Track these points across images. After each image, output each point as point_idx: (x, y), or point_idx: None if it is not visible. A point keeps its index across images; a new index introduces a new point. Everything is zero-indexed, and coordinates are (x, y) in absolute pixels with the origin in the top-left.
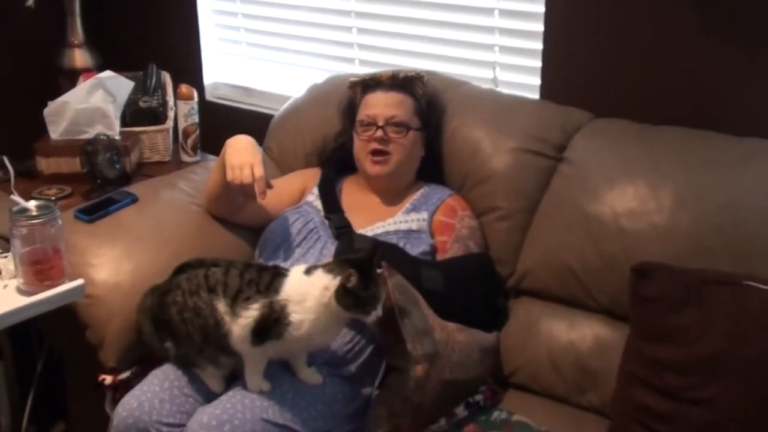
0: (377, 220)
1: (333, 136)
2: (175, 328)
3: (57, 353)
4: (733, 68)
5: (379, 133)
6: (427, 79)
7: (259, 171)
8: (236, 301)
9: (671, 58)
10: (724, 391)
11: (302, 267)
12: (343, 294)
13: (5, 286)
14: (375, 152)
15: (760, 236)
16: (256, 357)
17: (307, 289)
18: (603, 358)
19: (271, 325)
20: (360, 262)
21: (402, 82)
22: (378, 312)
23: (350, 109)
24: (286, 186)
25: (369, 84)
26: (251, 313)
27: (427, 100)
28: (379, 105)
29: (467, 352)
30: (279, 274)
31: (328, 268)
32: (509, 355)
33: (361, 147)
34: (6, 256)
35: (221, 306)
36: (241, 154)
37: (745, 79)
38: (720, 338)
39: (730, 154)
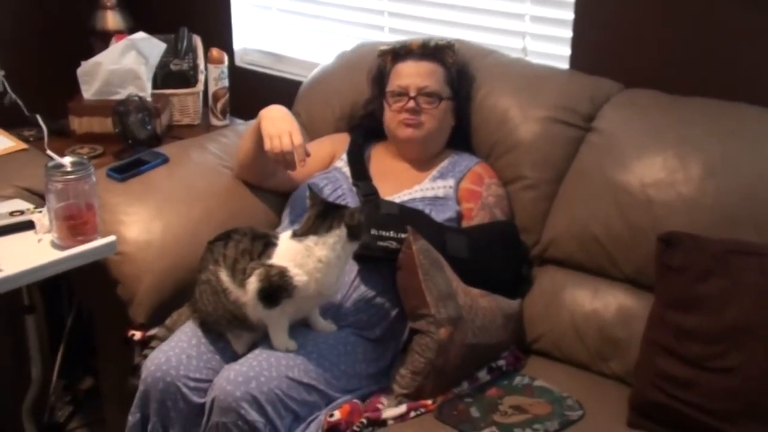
0: (404, 188)
1: (363, 104)
2: (196, 301)
3: (86, 310)
4: (764, 40)
5: (411, 103)
6: (457, 48)
7: (298, 139)
8: (234, 271)
9: (703, 28)
10: (746, 360)
11: (287, 233)
12: (354, 231)
13: (40, 240)
14: (408, 119)
15: None
16: (276, 318)
17: (303, 253)
18: (626, 326)
19: (276, 289)
20: (332, 206)
21: (433, 51)
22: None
23: (380, 77)
24: (316, 151)
25: (399, 53)
26: (252, 286)
27: (457, 69)
28: (411, 75)
29: (491, 317)
30: (270, 243)
31: (313, 229)
32: (533, 322)
33: (392, 117)
34: (41, 211)
35: (224, 276)
36: (278, 123)
37: None
38: (745, 308)
39: (760, 125)
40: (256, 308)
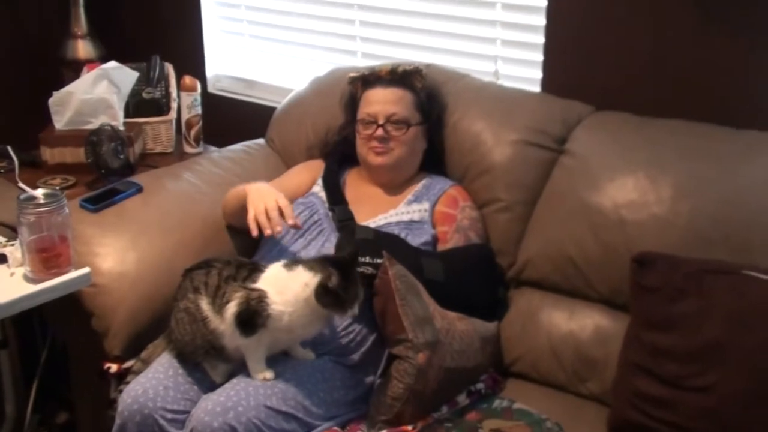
0: (380, 212)
1: (336, 129)
2: (172, 331)
3: (61, 342)
4: (733, 62)
5: (380, 131)
6: (425, 72)
7: (284, 200)
8: (215, 297)
9: (671, 51)
10: (723, 379)
11: (281, 262)
12: (322, 292)
13: (12, 274)
14: (377, 146)
15: (759, 227)
16: (253, 347)
17: (286, 282)
18: (603, 347)
19: (252, 315)
20: (341, 262)
21: (401, 77)
22: (354, 311)
23: (352, 103)
24: (296, 181)
25: (368, 79)
26: (231, 310)
27: (427, 93)
28: (379, 102)
29: (468, 340)
30: (257, 269)
31: (309, 265)
32: (510, 345)
33: (362, 144)
34: (13, 244)
35: (204, 304)
36: (264, 193)
37: (744, 72)
38: (719, 327)
39: (730, 146)
40: (233, 336)
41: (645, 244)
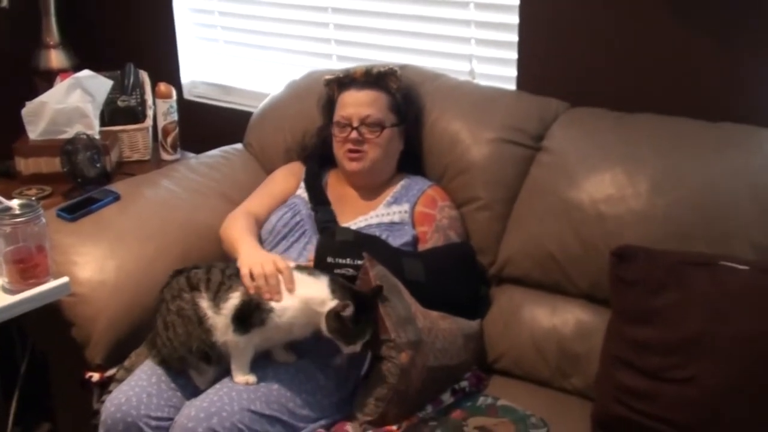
0: (360, 215)
1: (315, 131)
2: (158, 337)
3: (41, 353)
4: (706, 56)
5: (354, 134)
6: (400, 74)
7: (282, 263)
8: (218, 293)
9: (645, 47)
10: (704, 370)
11: (293, 264)
12: (333, 318)
13: None
14: (351, 150)
15: (734, 218)
16: (242, 347)
17: (299, 282)
18: (585, 341)
19: (253, 310)
20: (363, 296)
21: (375, 79)
22: (356, 348)
23: (329, 105)
24: (283, 188)
25: (343, 81)
26: (232, 302)
27: (402, 94)
28: (353, 104)
29: (451, 339)
30: None
31: (333, 284)
32: (493, 342)
33: (338, 147)
34: None
35: (204, 302)
36: (260, 258)
37: (717, 66)
38: (699, 318)
39: (704, 139)
40: (227, 332)
41: (624, 238)
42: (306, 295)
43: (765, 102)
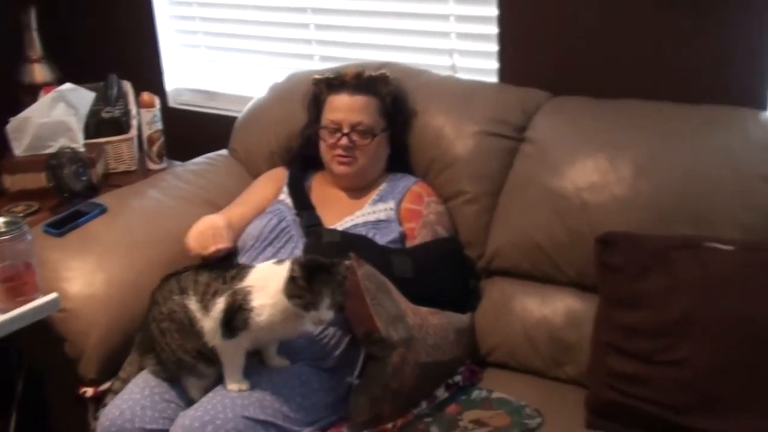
0: (346, 214)
1: (299, 131)
2: (156, 343)
3: (36, 370)
4: (684, 39)
5: (344, 140)
6: (392, 78)
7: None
8: (205, 296)
9: (623, 32)
10: (694, 351)
11: (272, 260)
12: (288, 283)
13: None
14: (341, 155)
15: (718, 199)
16: (231, 352)
17: (272, 276)
18: (576, 329)
19: (236, 313)
20: (315, 261)
21: (366, 83)
22: (321, 315)
23: (315, 104)
24: (261, 195)
25: (333, 83)
26: (219, 306)
27: (392, 98)
28: (344, 110)
29: (442, 334)
30: (245, 267)
31: (293, 260)
32: (485, 335)
33: (326, 150)
34: None
35: (192, 304)
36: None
37: (696, 50)
38: (686, 300)
39: (685, 122)
40: (216, 336)
41: (609, 225)
42: (277, 286)
43: (744, 82)
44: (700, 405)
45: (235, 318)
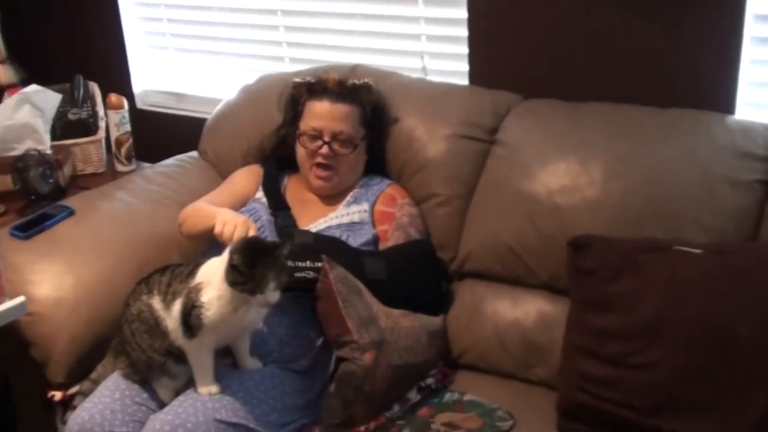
0: (320, 216)
1: (274, 130)
2: (127, 344)
3: (3, 374)
4: (652, 44)
5: (325, 149)
6: (375, 87)
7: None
8: (167, 296)
9: (593, 36)
10: (663, 354)
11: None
12: (228, 270)
13: None
14: (320, 164)
15: (686, 202)
16: (196, 352)
17: (216, 269)
18: (548, 332)
19: (191, 311)
20: (250, 245)
21: (350, 91)
22: (267, 297)
23: (293, 106)
24: (242, 188)
25: (315, 88)
26: (177, 306)
27: (372, 106)
28: (325, 117)
29: (414, 336)
30: (198, 264)
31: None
32: (457, 337)
33: (304, 157)
34: None
35: (156, 303)
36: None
37: (663, 53)
38: (656, 303)
39: (653, 125)
40: (179, 336)
41: (580, 228)
42: (220, 277)
43: (710, 86)
44: (669, 407)
45: (190, 316)
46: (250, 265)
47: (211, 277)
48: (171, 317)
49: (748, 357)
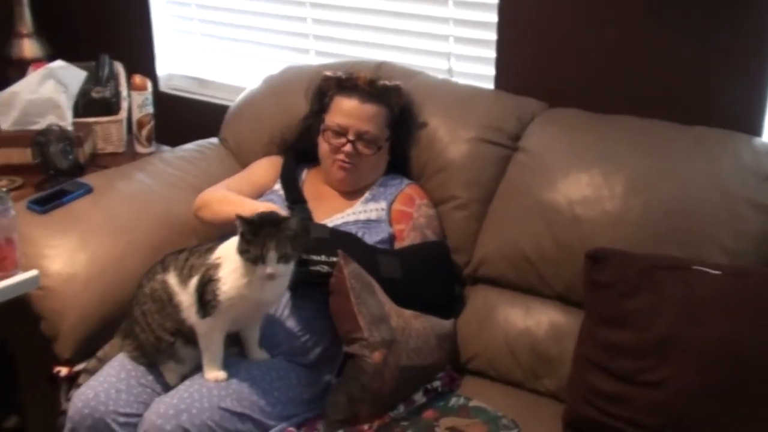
0: (337, 212)
1: (294, 126)
2: (136, 325)
3: (9, 346)
4: (682, 59)
5: (348, 147)
6: (405, 90)
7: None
8: (183, 270)
9: (622, 49)
10: (674, 374)
11: None
12: (239, 241)
13: None
14: (343, 161)
15: (706, 222)
16: (209, 334)
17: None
18: (558, 343)
19: (206, 286)
20: (261, 214)
21: (379, 93)
22: (267, 268)
23: (320, 97)
24: (263, 177)
25: (344, 84)
26: (194, 282)
27: (400, 107)
28: (353, 115)
29: (424, 338)
30: (218, 243)
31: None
32: (467, 342)
33: (327, 152)
34: None
35: (171, 278)
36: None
37: (693, 69)
38: (671, 322)
39: (679, 142)
40: (193, 314)
41: (598, 241)
42: (233, 252)
43: (739, 107)
44: (677, 427)
45: (206, 291)
46: (254, 233)
47: (231, 252)
48: (187, 292)
49: (762, 380)
